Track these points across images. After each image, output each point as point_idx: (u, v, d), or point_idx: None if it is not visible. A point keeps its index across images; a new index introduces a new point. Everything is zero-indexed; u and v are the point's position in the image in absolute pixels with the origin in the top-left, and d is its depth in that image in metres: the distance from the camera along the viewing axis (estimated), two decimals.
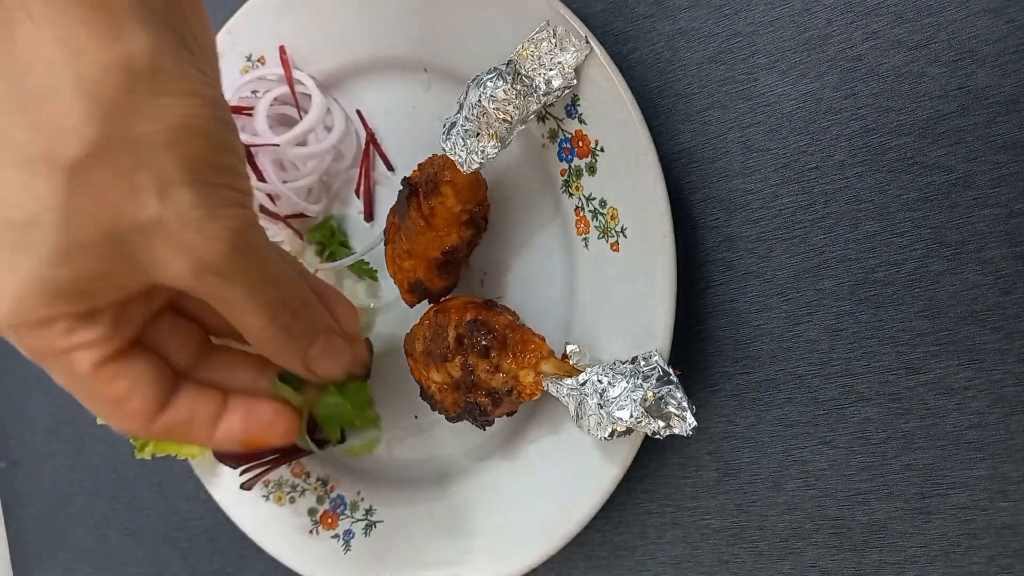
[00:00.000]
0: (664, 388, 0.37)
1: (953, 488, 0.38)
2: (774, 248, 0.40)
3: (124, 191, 0.27)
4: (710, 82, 0.41)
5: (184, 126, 0.27)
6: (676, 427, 0.36)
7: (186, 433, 0.33)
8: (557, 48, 0.39)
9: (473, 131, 0.39)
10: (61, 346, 0.29)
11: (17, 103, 0.26)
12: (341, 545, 0.51)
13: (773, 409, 0.41)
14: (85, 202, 0.26)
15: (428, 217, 0.41)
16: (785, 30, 0.39)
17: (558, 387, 0.39)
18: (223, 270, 0.29)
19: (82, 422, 0.69)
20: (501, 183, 0.46)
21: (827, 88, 0.38)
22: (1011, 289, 0.36)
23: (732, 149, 0.41)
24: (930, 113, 0.37)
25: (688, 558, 0.44)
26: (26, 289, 0.27)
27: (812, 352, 0.40)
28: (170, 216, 0.27)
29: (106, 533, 0.68)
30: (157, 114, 0.26)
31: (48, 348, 0.29)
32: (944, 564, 0.38)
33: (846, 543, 0.40)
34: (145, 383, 0.31)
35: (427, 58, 0.47)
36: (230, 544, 0.61)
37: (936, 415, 0.38)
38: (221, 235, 0.28)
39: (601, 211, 0.41)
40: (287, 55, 0.51)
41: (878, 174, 0.38)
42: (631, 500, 0.46)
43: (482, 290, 0.47)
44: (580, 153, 0.41)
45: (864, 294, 0.39)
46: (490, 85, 0.38)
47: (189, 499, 0.63)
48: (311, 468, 0.53)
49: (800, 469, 0.41)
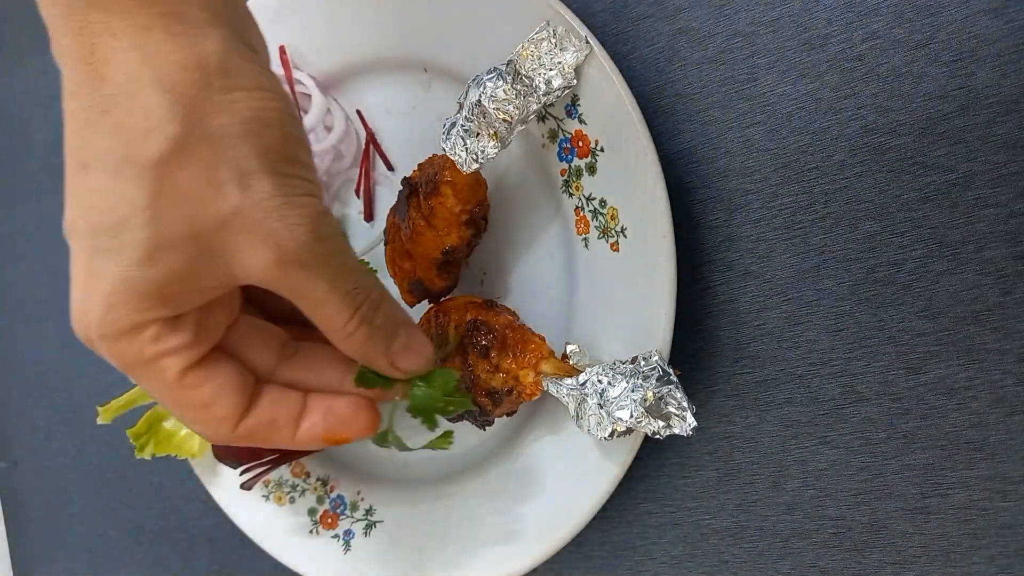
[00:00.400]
0: (664, 388, 0.37)
1: (953, 488, 0.38)
2: (774, 248, 0.40)
3: (207, 184, 0.27)
4: (710, 82, 0.41)
5: (257, 118, 0.28)
6: (676, 427, 0.36)
7: (269, 435, 0.33)
8: (557, 48, 0.39)
9: (473, 131, 0.39)
10: (150, 353, 0.29)
11: (99, 110, 0.27)
12: (341, 545, 0.51)
13: (773, 409, 0.41)
14: (171, 199, 0.27)
15: (428, 217, 0.41)
16: (785, 30, 0.39)
17: (558, 387, 0.39)
18: (305, 259, 0.29)
19: (82, 422, 0.69)
20: (501, 183, 0.46)
21: (827, 88, 0.38)
22: (1011, 289, 0.36)
23: (732, 149, 0.41)
24: (930, 113, 0.37)
25: (688, 558, 0.44)
26: (117, 295, 0.28)
27: (812, 352, 0.40)
28: (251, 205, 0.28)
29: (106, 533, 0.68)
30: (231, 108, 0.28)
31: (137, 356, 0.29)
32: (944, 564, 0.38)
33: (846, 543, 0.40)
34: (229, 388, 0.32)
35: (427, 58, 0.47)
36: (230, 544, 0.61)
37: (936, 415, 0.38)
38: (301, 222, 0.29)
39: (601, 211, 0.41)
40: (287, 55, 0.51)
41: (878, 174, 0.38)
42: (631, 500, 0.46)
43: (482, 290, 0.47)
44: (580, 153, 0.41)
45: (864, 294, 0.39)
46: (490, 85, 0.38)
47: (189, 499, 0.63)
48: (311, 468, 0.53)
49: (800, 469, 0.41)
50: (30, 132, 0.69)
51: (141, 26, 0.27)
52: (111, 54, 0.27)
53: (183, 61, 0.27)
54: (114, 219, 0.27)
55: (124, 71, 0.27)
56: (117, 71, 0.27)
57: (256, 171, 0.28)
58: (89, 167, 0.27)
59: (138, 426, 0.51)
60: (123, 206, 0.27)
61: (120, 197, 0.27)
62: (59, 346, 0.69)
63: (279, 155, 0.29)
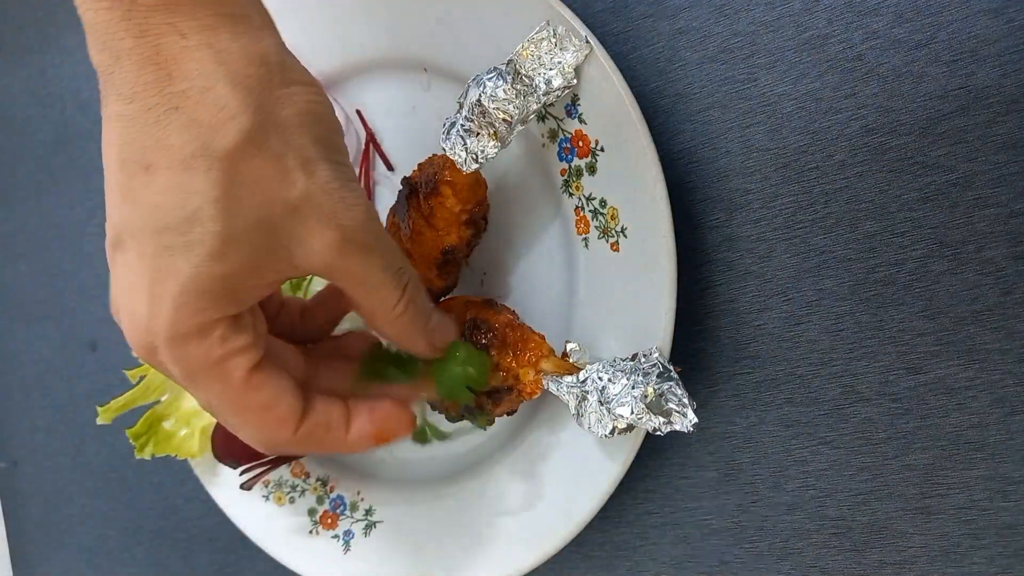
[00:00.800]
0: (664, 384, 0.37)
1: (953, 488, 0.38)
2: (774, 248, 0.40)
3: (276, 172, 0.28)
4: (710, 82, 0.41)
5: (311, 111, 0.30)
6: (677, 423, 0.36)
7: (324, 438, 0.34)
8: (557, 48, 0.39)
9: (473, 131, 0.39)
10: (217, 355, 0.29)
11: (167, 107, 0.27)
12: (341, 545, 0.51)
13: (773, 409, 0.41)
14: (243, 188, 0.28)
15: (428, 217, 0.41)
16: (785, 30, 0.39)
17: (558, 385, 0.39)
18: (363, 240, 0.31)
19: (82, 422, 0.69)
20: (501, 183, 0.46)
21: (827, 88, 0.38)
22: (1011, 289, 0.36)
23: (732, 149, 0.41)
24: (930, 113, 0.37)
25: (688, 558, 0.44)
26: (187, 294, 0.28)
27: (812, 352, 0.40)
28: (316, 189, 0.29)
29: (106, 533, 0.68)
30: (291, 100, 0.29)
31: (205, 358, 0.29)
32: (944, 564, 0.38)
33: (846, 543, 0.40)
34: (288, 390, 0.32)
35: (427, 58, 0.47)
36: (230, 544, 0.61)
37: (936, 415, 0.38)
38: (358, 203, 0.31)
39: (601, 211, 0.41)
40: None
41: (878, 174, 0.38)
42: (631, 500, 0.46)
43: (482, 290, 0.47)
44: (580, 153, 0.41)
45: (864, 294, 0.39)
46: (490, 85, 0.38)
47: (189, 499, 0.63)
48: (311, 468, 0.53)
49: (800, 469, 0.41)
50: (30, 132, 0.69)
51: (208, 26, 0.28)
52: (181, 52, 0.27)
53: (250, 57, 0.28)
54: (184, 214, 0.27)
55: (196, 67, 0.27)
56: (188, 68, 0.27)
57: (316, 158, 0.29)
58: (153, 167, 0.27)
59: (138, 426, 0.51)
60: (195, 199, 0.27)
61: (192, 191, 0.27)
62: (59, 346, 0.69)
63: (331, 143, 0.31)
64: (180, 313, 0.28)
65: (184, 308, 0.28)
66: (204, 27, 0.28)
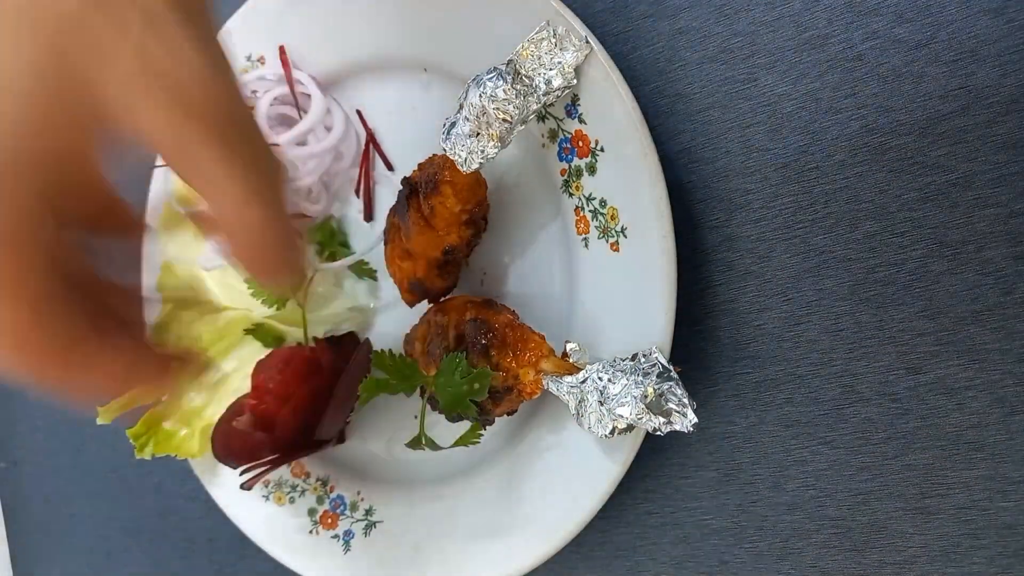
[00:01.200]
0: (664, 384, 0.37)
1: (953, 488, 0.38)
2: (774, 248, 0.40)
3: (114, 29, 0.26)
4: (710, 82, 0.41)
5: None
6: (677, 423, 0.36)
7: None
8: (557, 48, 0.39)
9: (473, 131, 0.39)
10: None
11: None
12: (341, 545, 0.51)
13: (773, 409, 0.41)
14: (73, 50, 0.26)
15: (428, 217, 0.41)
16: (785, 30, 0.39)
17: (558, 385, 0.39)
18: (205, 112, 0.27)
19: (82, 422, 0.69)
20: (501, 183, 0.46)
21: (827, 88, 0.38)
22: (1011, 289, 0.36)
23: (732, 149, 0.41)
24: (930, 113, 0.37)
25: (688, 558, 0.44)
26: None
27: (812, 352, 0.40)
28: (157, 47, 0.26)
29: (106, 533, 0.68)
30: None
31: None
32: (944, 564, 0.38)
33: (846, 543, 0.40)
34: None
35: (427, 58, 0.47)
36: (230, 544, 0.61)
37: (936, 415, 0.38)
38: (208, 63, 0.27)
39: (601, 211, 0.41)
40: (287, 55, 0.51)
41: (878, 174, 0.38)
42: (631, 500, 0.46)
43: (482, 290, 0.47)
44: (580, 153, 0.41)
45: (864, 294, 0.39)
46: (490, 85, 0.38)
47: (189, 499, 0.63)
48: (311, 468, 0.53)
49: (800, 469, 0.41)
50: None
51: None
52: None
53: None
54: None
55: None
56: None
57: (161, 13, 0.26)
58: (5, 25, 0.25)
59: (138, 426, 0.51)
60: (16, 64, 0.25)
61: (22, 55, 0.25)
62: None
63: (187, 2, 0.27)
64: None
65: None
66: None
